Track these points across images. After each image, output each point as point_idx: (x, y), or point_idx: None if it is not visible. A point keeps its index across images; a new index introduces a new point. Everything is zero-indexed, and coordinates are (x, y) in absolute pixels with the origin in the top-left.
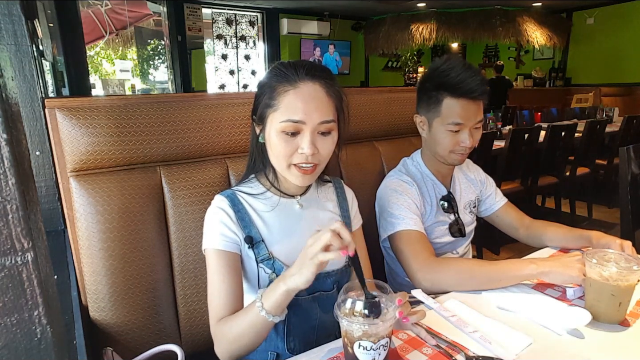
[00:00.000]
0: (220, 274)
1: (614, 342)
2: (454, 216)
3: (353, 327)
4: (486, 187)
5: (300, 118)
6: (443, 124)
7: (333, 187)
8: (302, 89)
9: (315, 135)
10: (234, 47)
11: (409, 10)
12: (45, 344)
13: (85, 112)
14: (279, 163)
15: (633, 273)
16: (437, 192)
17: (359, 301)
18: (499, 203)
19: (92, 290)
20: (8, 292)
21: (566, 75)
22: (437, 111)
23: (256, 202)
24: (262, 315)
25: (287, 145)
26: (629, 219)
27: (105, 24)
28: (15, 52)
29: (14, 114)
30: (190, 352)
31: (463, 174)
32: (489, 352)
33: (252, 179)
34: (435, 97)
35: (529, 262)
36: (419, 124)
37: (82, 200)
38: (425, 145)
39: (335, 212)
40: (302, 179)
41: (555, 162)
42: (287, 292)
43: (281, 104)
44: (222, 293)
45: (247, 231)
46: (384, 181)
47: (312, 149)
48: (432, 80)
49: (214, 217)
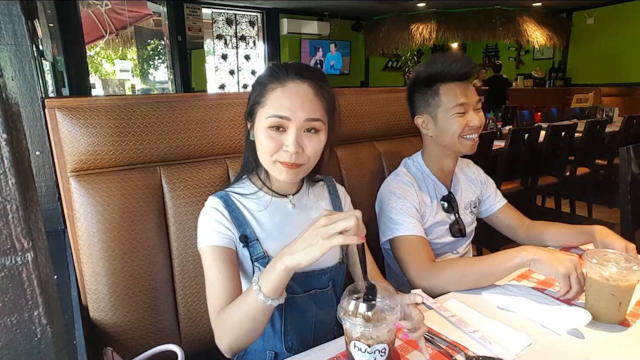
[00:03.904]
0: (216, 267)
1: (614, 342)
2: (454, 216)
3: (347, 325)
4: (486, 187)
5: (285, 114)
6: (448, 110)
7: (325, 186)
8: (290, 86)
9: (300, 133)
10: (234, 47)
11: (409, 10)
12: (45, 344)
13: (85, 112)
14: (265, 159)
15: (633, 273)
16: (438, 192)
17: (360, 303)
18: (498, 204)
19: (92, 290)
20: (8, 292)
21: (566, 75)
22: (437, 102)
23: (249, 202)
24: (260, 299)
25: (271, 141)
26: (629, 219)
27: (105, 24)
28: (15, 52)
29: (14, 114)
30: (190, 352)
31: (464, 174)
32: (489, 352)
33: (244, 179)
34: (431, 91)
35: (519, 250)
36: (421, 125)
37: (82, 200)
38: (428, 144)
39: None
40: (287, 174)
41: (555, 162)
42: (285, 271)
43: (269, 101)
44: (219, 285)
45: (241, 230)
46: (385, 183)
47: (296, 147)
48: (421, 78)
49: (208, 216)
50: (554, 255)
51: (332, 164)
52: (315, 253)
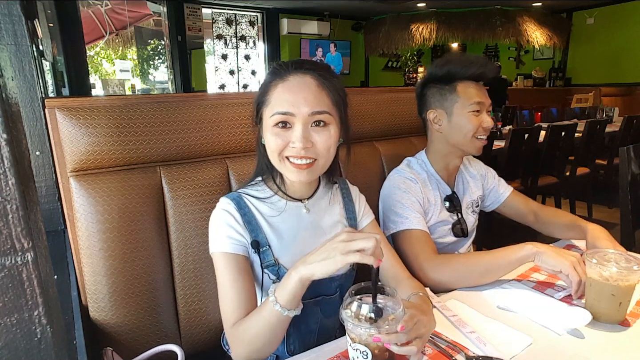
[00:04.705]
0: (230, 278)
1: (614, 342)
2: (457, 216)
3: (349, 326)
4: (487, 179)
5: (288, 109)
6: (464, 108)
7: (339, 189)
8: (291, 80)
9: (307, 128)
10: (234, 47)
11: (409, 10)
12: (45, 344)
13: (85, 112)
14: (273, 158)
15: (633, 273)
16: (441, 191)
17: (363, 304)
18: (504, 194)
19: (92, 290)
20: (8, 292)
21: (566, 75)
22: (454, 98)
23: (263, 206)
24: (277, 310)
25: (277, 139)
26: (629, 219)
27: (105, 24)
28: (15, 52)
29: (14, 114)
30: (190, 352)
31: (466, 171)
32: (484, 353)
33: (260, 182)
34: (448, 86)
35: (524, 244)
36: (433, 120)
37: (82, 200)
38: (435, 142)
39: (342, 216)
40: (298, 174)
41: (555, 162)
42: (300, 281)
43: (272, 98)
44: (233, 297)
45: (254, 235)
46: (388, 179)
47: (304, 142)
48: (439, 74)
49: (220, 219)
50: (558, 250)
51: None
52: (331, 266)
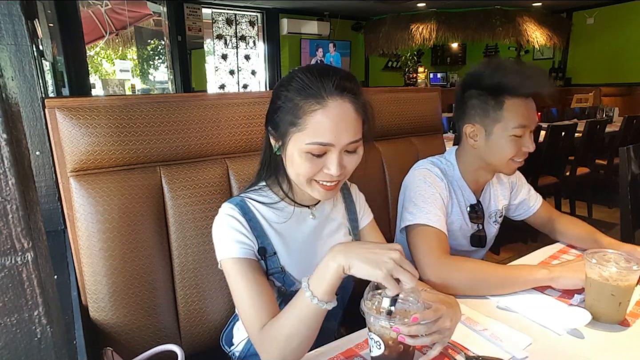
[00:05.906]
0: (247, 283)
1: (614, 342)
2: (477, 227)
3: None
4: (517, 190)
5: (329, 141)
6: (507, 130)
7: (340, 192)
8: (331, 108)
9: (342, 155)
10: (234, 47)
11: (409, 10)
12: (45, 344)
13: (85, 112)
14: (299, 180)
15: (633, 273)
16: (466, 198)
17: (385, 298)
18: (534, 207)
19: (92, 290)
20: (8, 292)
21: (566, 75)
22: (498, 117)
23: (269, 212)
24: (314, 305)
25: (312, 165)
26: (629, 219)
27: (105, 24)
28: (15, 52)
29: (14, 114)
30: (190, 352)
31: (496, 177)
32: (501, 350)
33: (264, 187)
34: (494, 101)
35: (540, 267)
36: (469, 135)
37: (82, 200)
38: (469, 154)
39: (344, 217)
40: (326, 195)
41: (555, 162)
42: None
43: (308, 125)
44: (255, 302)
45: (260, 242)
46: (412, 170)
47: (340, 170)
48: (487, 84)
49: (226, 224)
50: (570, 267)
51: None
52: (372, 274)
